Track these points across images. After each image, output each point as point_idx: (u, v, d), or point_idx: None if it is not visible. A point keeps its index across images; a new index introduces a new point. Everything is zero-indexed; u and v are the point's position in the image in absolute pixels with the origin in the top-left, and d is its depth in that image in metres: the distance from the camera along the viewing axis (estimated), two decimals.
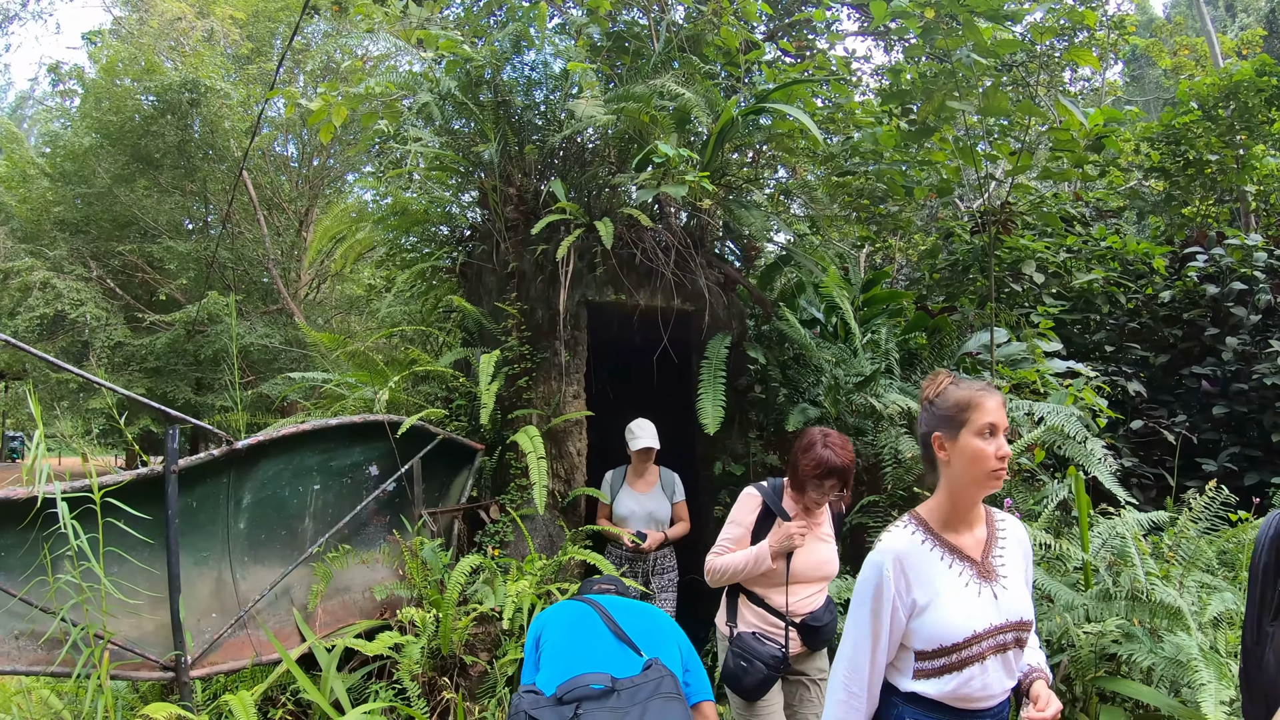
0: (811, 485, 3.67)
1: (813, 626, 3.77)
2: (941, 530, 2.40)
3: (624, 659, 2.88)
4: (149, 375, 16.84)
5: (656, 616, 3.22)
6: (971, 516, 2.43)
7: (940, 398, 2.40)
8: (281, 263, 17.66)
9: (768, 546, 3.67)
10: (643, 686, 2.68)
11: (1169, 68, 18.44)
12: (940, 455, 2.37)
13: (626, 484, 5.72)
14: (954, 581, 2.32)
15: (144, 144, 16.53)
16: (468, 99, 5.97)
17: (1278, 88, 9.78)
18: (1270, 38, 23.87)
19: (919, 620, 2.29)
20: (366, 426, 5.21)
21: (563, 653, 2.94)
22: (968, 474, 2.32)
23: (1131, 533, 4.66)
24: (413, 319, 7.03)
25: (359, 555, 5.13)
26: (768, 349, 6.41)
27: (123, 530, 4.04)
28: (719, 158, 6.19)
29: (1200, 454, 7.77)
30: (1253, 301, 8.30)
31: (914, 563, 2.32)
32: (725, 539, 3.87)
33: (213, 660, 4.43)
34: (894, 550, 2.32)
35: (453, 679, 4.68)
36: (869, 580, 2.31)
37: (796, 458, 3.72)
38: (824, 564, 3.84)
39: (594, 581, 3.59)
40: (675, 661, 3.01)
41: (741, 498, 3.94)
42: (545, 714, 2.58)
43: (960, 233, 8.50)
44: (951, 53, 5.77)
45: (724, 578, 3.82)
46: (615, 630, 3.01)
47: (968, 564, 2.37)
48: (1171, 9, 33.55)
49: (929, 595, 2.28)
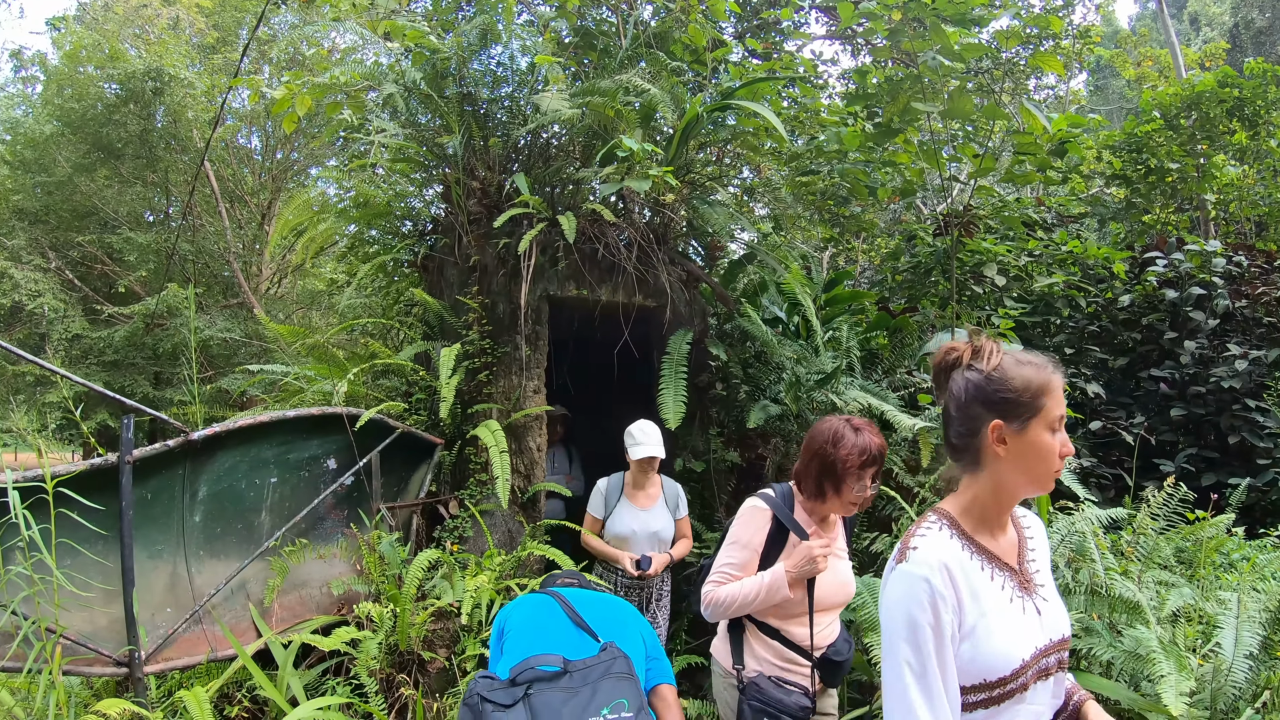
0: (853, 480, 3.08)
1: (835, 662, 3.25)
2: (975, 533, 1.96)
3: (581, 643, 2.92)
4: (107, 368, 16.61)
5: (618, 605, 3.24)
6: (1005, 517, 2.01)
7: (1000, 374, 1.91)
8: (242, 256, 17.49)
9: (784, 572, 3.10)
10: (595, 667, 2.69)
11: (1133, 78, 18.75)
12: (996, 448, 1.89)
13: (625, 497, 5.09)
14: (998, 598, 1.90)
15: (106, 133, 16.31)
16: (433, 91, 5.93)
17: (1239, 99, 9.97)
18: (1233, 51, 24.31)
19: (961, 648, 1.83)
20: (325, 419, 5.16)
21: (522, 641, 2.98)
22: (1029, 472, 1.88)
23: (1091, 529, 4.72)
24: (374, 312, 6.97)
25: (316, 550, 5.08)
26: (729, 346, 6.42)
27: (76, 522, 3.97)
28: (683, 154, 6.19)
29: (1158, 455, 7.87)
30: (1211, 306, 8.42)
31: (962, 575, 1.86)
32: (727, 564, 3.24)
33: (167, 656, 4.37)
34: (940, 559, 1.83)
35: (411, 675, 4.64)
36: (917, 602, 1.79)
37: (826, 453, 3.10)
38: (845, 585, 3.33)
39: (556, 576, 3.60)
40: (637, 647, 3.04)
41: (745, 513, 3.30)
42: (498, 695, 2.59)
43: (923, 235, 8.57)
44: (917, 56, 5.81)
45: (728, 611, 3.19)
46: (574, 618, 3.05)
47: (1008, 574, 1.95)
48: (1136, 21, 34.08)
49: (975, 616, 1.84)
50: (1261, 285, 8.49)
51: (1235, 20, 29.24)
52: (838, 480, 3.10)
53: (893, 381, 6.59)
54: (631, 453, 4.97)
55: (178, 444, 4.51)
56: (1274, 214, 11.02)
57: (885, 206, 9.85)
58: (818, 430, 3.19)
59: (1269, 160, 10.84)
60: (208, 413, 8.79)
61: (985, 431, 1.89)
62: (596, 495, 5.12)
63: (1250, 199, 10.97)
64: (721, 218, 6.26)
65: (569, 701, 2.55)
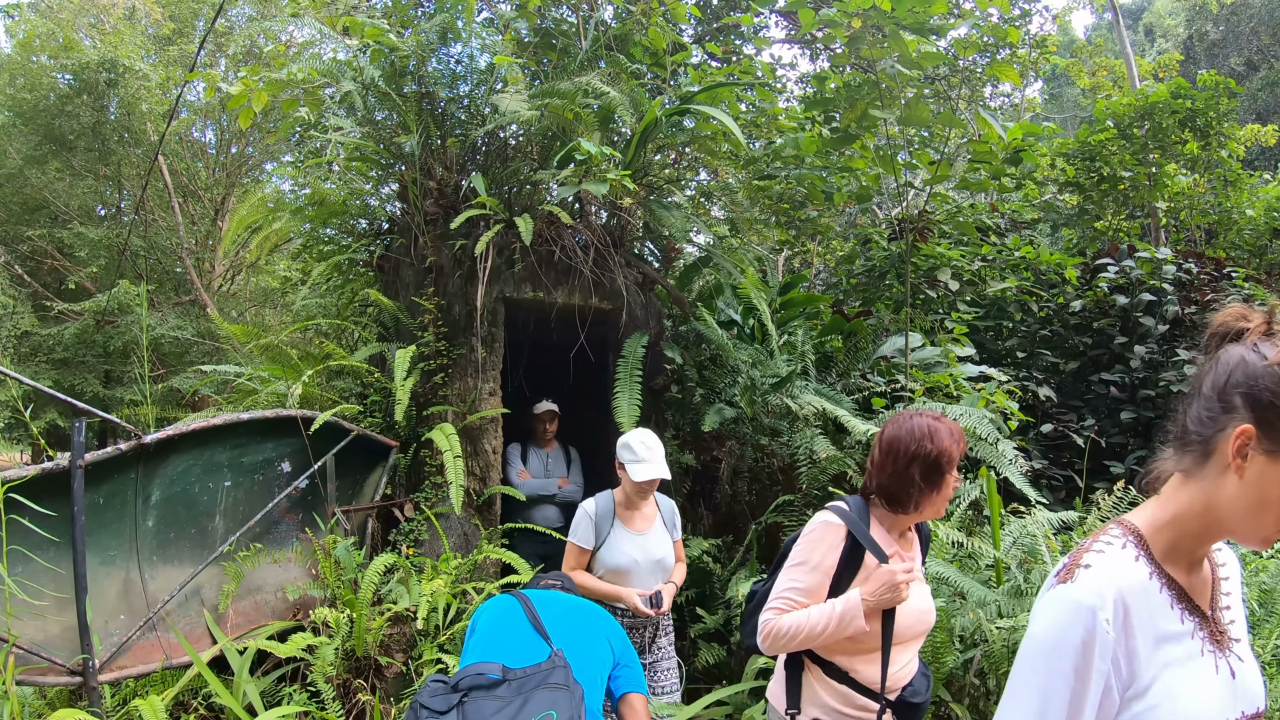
0: (951, 475, 2.71)
1: (912, 704, 2.77)
2: (1165, 560, 1.48)
3: (533, 649, 2.90)
4: (56, 366, 16.30)
5: (586, 611, 3.22)
6: (1205, 550, 1.53)
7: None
8: (195, 252, 17.23)
9: (860, 601, 2.62)
10: (532, 676, 2.66)
11: (1087, 87, 19.06)
12: (1234, 459, 1.36)
13: (619, 521, 4.25)
14: (1188, 649, 1.43)
15: (58, 124, 15.97)
16: (391, 89, 5.89)
17: (1191, 110, 10.21)
18: (1187, 63, 24.79)
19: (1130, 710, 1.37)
20: (279, 422, 5.11)
21: (480, 643, 2.98)
22: (1254, 513, 1.37)
23: (1042, 531, 4.80)
24: (328, 313, 6.91)
25: (271, 554, 5.03)
26: (685, 349, 6.45)
27: (27, 528, 3.90)
28: (641, 157, 6.21)
29: (1108, 457, 8.02)
30: (1161, 312, 8.60)
31: (1142, 613, 1.40)
32: (792, 588, 2.73)
33: (121, 664, 4.29)
34: (1117, 588, 1.39)
35: (368, 680, 4.61)
36: (1068, 634, 1.36)
37: (926, 450, 2.65)
38: (926, 614, 2.85)
39: (543, 577, 3.59)
40: (602, 653, 3.03)
41: (817, 528, 2.78)
42: (435, 701, 2.58)
43: (878, 239, 8.66)
44: (876, 63, 5.86)
45: (790, 644, 2.69)
46: (534, 621, 3.02)
47: (1198, 621, 1.47)
48: (1092, 32, 34.62)
49: (1153, 671, 1.38)
50: (1210, 292, 8.69)
51: (1189, 33, 29.81)
52: (941, 477, 2.69)
53: (847, 385, 6.65)
54: (632, 472, 4.10)
55: (130, 447, 4.43)
56: (1223, 222, 11.29)
57: (841, 211, 9.95)
58: (903, 431, 2.72)
59: (1219, 170, 11.13)
60: (159, 414, 8.65)
61: (1229, 434, 1.37)
62: (584, 521, 4.22)
63: (1200, 207, 11.25)
64: (678, 220, 6.28)
65: (500, 710, 2.53)
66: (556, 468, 6.43)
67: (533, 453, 6.41)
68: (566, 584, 3.52)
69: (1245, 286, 8.61)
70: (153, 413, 6.24)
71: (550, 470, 6.39)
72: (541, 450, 6.42)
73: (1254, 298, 8.46)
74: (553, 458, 6.45)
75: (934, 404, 5.85)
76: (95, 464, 4.28)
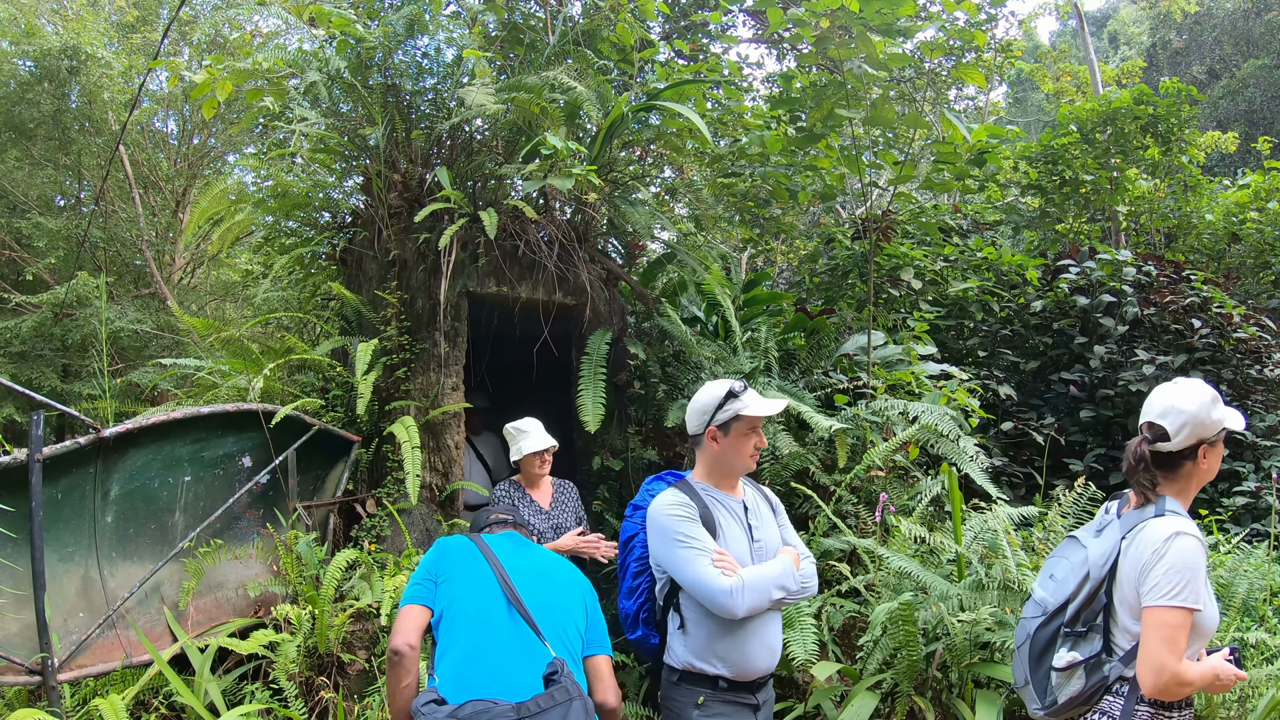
0: None
1: None
2: None
3: (529, 659, 2.84)
4: (13, 360, 15.95)
5: (556, 574, 3.17)
6: None
7: None
8: (156, 244, 16.94)
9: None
10: (550, 711, 2.63)
11: (1051, 92, 19.26)
12: None
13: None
14: None
15: (17, 112, 15.63)
16: (357, 81, 5.86)
17: (1153, 116, 10.40)
18: (1150, 70, 25.07)
19: None
20: (240, 416, 5.05)
21: (462, 638, 2.88)
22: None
23: (1003, 526, 4.83)
24: (290, 306, 6.86)
25: (232, 550, 4.97)
26: (648, 345, 6.45)
27: None
28: (607, 153, 6.21)
29: (1068, 455, 8.14)
30: (1120, 313, 8.74)
31: None
32: None
33: (81, 663, 4.24)
34: None
35: (331, 678, 4.57)
36: None
37: None
38: None
39: (487, 514, 3.51)
40: (577, 614, 3.02)
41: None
42: None
43: (841, 239, 8.73)
44: (843, 63, 5.90)
45: None
46: (519, 608, 2.94)
47: None
48: (1057, 37, 34.91)
49: None
50: (1169, 294, 8.86)
51: (1153, 40, 30.16)
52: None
53: (809, 382, 6.69)
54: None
55: (89, 441, 4.37)
56: (1183, 226, 11.51)
57: (805, 209, 10.01)
58: None
59: (1179, 175, 11.34)
60: (119, 408, 8.50)
61: None
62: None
63: (1160, 211, 11.47)
64: (643, 217, 6.30)
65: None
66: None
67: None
68: (516, 518, 3.47)
69: (1203, 289, 8.77)
70: (112, 407, 6.17)
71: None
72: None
73: (1211, 300, 8.62)
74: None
75: (896, 401, 5.90)
76: (53, 458, 4.22)
